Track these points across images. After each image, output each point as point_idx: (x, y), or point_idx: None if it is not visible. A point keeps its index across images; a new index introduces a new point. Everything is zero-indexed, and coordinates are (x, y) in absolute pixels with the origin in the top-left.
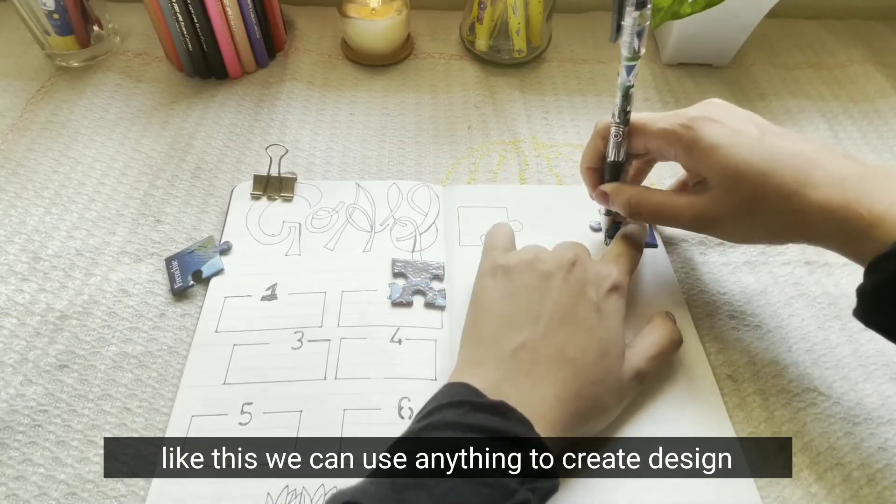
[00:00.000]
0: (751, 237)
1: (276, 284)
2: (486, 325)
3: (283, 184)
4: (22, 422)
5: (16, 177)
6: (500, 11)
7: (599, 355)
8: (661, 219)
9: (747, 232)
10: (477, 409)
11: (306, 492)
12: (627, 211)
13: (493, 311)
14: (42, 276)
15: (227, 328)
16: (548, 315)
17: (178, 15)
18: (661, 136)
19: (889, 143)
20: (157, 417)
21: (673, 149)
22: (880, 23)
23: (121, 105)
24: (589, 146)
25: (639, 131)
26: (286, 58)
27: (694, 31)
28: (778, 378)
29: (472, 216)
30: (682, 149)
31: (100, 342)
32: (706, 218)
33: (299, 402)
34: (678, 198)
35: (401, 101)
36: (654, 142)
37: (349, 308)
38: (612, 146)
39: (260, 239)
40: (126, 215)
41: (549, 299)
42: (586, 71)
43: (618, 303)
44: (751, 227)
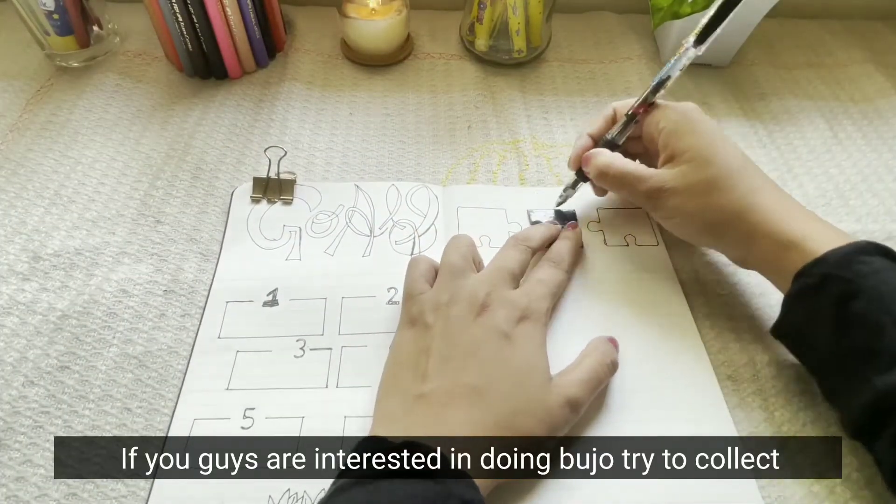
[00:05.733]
0: (692, 221)
1: (276, 290)
2: (398, 376)
3: (282, 186)
4: (23, 423)
5: (16, 177)
6: (499, 11)
7: (515, 385)
8: (624, 184)
9: (693, 214)
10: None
11: (308, 496)
12: (596, 172)
13: (405, 362)
14: (43, 276)
15: (230, 334)
16: (458, 356)
17: (177, 15)
18: (671, 112)
19: (889, 143)
20: (157, 418)
21: (669, 125)
22: (880, 23)
23: (121, 105)
24: (598, 120)
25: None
26: (286, 58)
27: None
28: (778, 378)
29: (471, 216)
30: (681, 120)
31: (100, 343)
32: (665, 189)
33: (301, 408)
34: (645, 168)
35: (400, 101)
36: (663, 120)
37: (349, 315)
38: (619, 127)
39: (260, 243)
40: (126, 215)
41: (458, 341)
42: (586, 71)
43: (532, 330)
44: (699, 210)
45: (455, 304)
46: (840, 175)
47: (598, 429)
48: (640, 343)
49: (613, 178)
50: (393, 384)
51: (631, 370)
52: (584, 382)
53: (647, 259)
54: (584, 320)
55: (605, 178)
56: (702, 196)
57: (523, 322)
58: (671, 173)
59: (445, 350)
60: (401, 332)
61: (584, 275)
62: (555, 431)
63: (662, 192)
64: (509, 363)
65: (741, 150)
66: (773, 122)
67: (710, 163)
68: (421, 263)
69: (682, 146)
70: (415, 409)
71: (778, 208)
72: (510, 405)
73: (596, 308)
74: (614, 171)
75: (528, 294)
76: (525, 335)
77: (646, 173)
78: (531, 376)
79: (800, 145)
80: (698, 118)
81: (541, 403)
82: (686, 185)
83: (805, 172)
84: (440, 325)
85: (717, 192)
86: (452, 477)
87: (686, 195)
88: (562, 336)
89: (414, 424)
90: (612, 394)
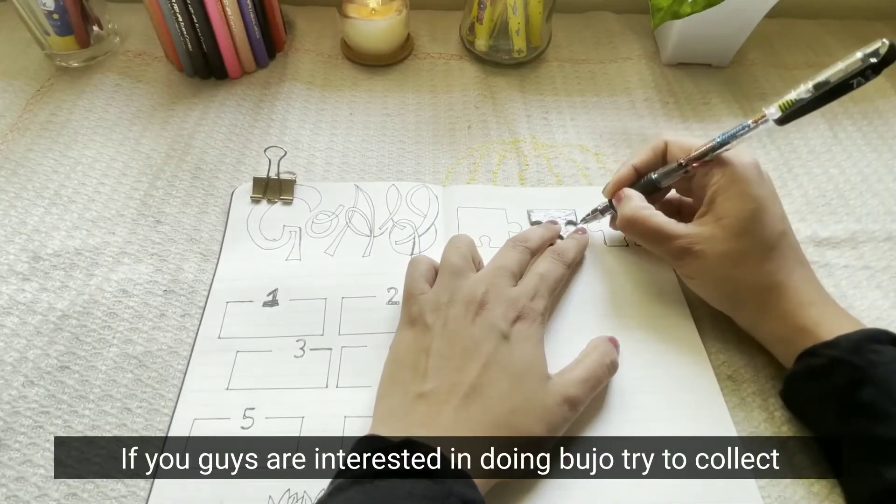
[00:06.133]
0: (713, 287)
1: (276, 290)
2: (398, 376)
3: (282, 186)
4: (23, 423)
5: (16, 177)
6: (499, 11)
7: (513, 383)
8: (649, 240)
9: (714, 281)
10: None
11: (308, 496)
12: (624, 222)
13: (405, 362)
14: (43, 276)
15: (230, 334)
16: (457, 355)
17: (177, 15)
18: (729, 170)
19: (889, 143)
20: (157, 418)
21: (723, 183)
22: (880, 23)
23: (121, 105)
24: (646, 150)
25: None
26: (286, 58)
27: (694, 31)
28: (778, 378)
29: (471, 216)
30: (736, 181)
31: (100, 343)
32: (693, 251)
33: (301, 408)
34: (675, 225)
35: (400, 101)
36: (718, 174)
37: (349, 315)
38: (667, 171)
39: (261, 244)
40: (126, 215)
41: (457, 341)
42: (586, 71)
43: (529, 328)
44: (721, 279)
45: (454, 304)
46: (840, 175)
47: (598, 429)
48: (640, 343)
49: (638, 232)
50: (392, 384)
51: (631, 370)
52: (584, 382)
53: (647, 259)
54: (583, 320)
55: (628, 229)
56: (727, 267)
57: (521, 321)
58: (702, 234)
59: (444, 350)
60: (401, 332)
61: (585, 275)
62: (553, 430)
63: (689, 254)
64: (507, 362)
65: (785, 219)
66: None
67: (746, 233)
68: (421, 263)
69: (726, 209)
70: (414, 408)
71: (797, 294)
72: (508, 404)
73: (596, 308)
74: (640, 226)
75: (527, 291)
76: (523, 334)
77: (675, 231)
78: (529, 375)
79: (800, 145)
80: (754, 179)
81: (539, 402)
82: (714, 251)
83: (805, 172)
84: (439, 325)
85: (743, 267)
86: (452, 477)
87: (712, 261)
88: (562, 336)
89: (413, 424)
90: (612, 394)
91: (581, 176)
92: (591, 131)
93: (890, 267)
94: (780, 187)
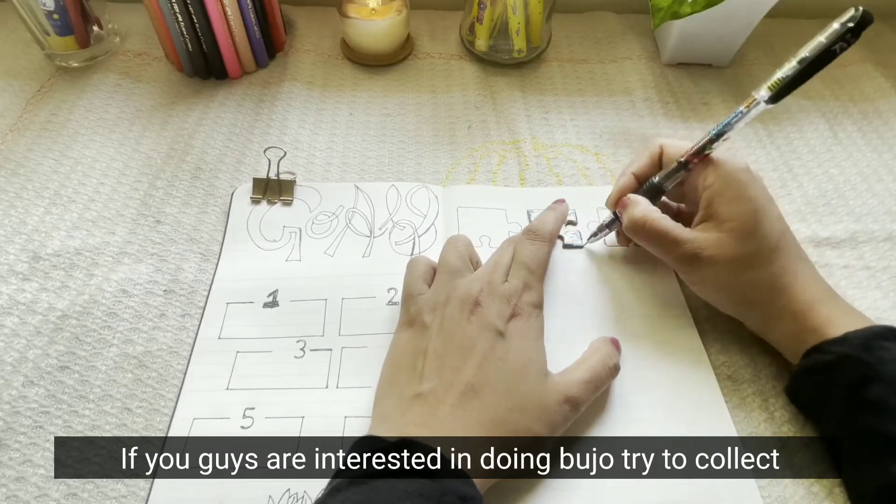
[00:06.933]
0: (723, 293)
1: (277, 291)
2: (396, 376)
3: (282, 187)
4: (23, 423)
5: (16, 177)
6: (499, 11)
7: (511, 382)
8: (658, 244)
9: (724, 287)
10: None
11: (308, 496)
12: (631, 225)
13: (403, 363)
14: (43, 276)
15: (230, 335)
16: (454, 355)
17: (177, 15)
18: (722, 170)
19: (889, 142)
20: (157, 418)
21: (718, 185)
22: (880, 23)
23: (121, 105)
24: (643, 157)
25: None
26: (286, 58)
27: (694, 31)
28: (778, 378)
29: (471, 216)
30: (730, 182)
31: (100, 343)
32: (702, 257)
33: (301, 408)
34: (682, 230)
35: (401, 101)
36: (712, 176)
37: (349, 316)
38: (668, 172)
39: (261, 244)
40: (126, 215)
41: (454, 340)
42: (586, 71)
43: (526, 324)
44: (731, 284)
45: (450, 304)
46: (840, 175)
47: (598, 429)
48: (640, 343)
49: (647, 235)
50: (391, 384)
51: (631, 370)
52: (586, 383)
53: (647, 259)
54: (583, 321)
55: (638, 234)
56: (737, 271)
57: (517, 317)
58: (709, 240)
59: (442, 349)
60: (399, 332)
61: (584, 275)
62: (553, 429)
63: (697, 260)
64: (504, 360)
65: (782, 219)
66: (773, 122)
67: (752, 236)
68: (420, 264)
69: (726, 213)
70: (412, 408)
71: (805, 293)
72: (506, 402)
73: (596, 308)
74: (650, 228)
75: (518, 286)
76: (519, 331)
77: (682, 236)
78: (527, 373)
79: (800, 145)
80: (748, 182)
81: (538, 400)
82: (723, 257)
83: (805, 172)
84: (436, 325)
85: (752, 269)
86: (451, 476)
87: (721, 267)
88: (562, 336)
89: (411, 423)
90: (612, 394)
91: (581, 176)
92: (591, 131)
93: (890, 267)
94: (780, 187)
